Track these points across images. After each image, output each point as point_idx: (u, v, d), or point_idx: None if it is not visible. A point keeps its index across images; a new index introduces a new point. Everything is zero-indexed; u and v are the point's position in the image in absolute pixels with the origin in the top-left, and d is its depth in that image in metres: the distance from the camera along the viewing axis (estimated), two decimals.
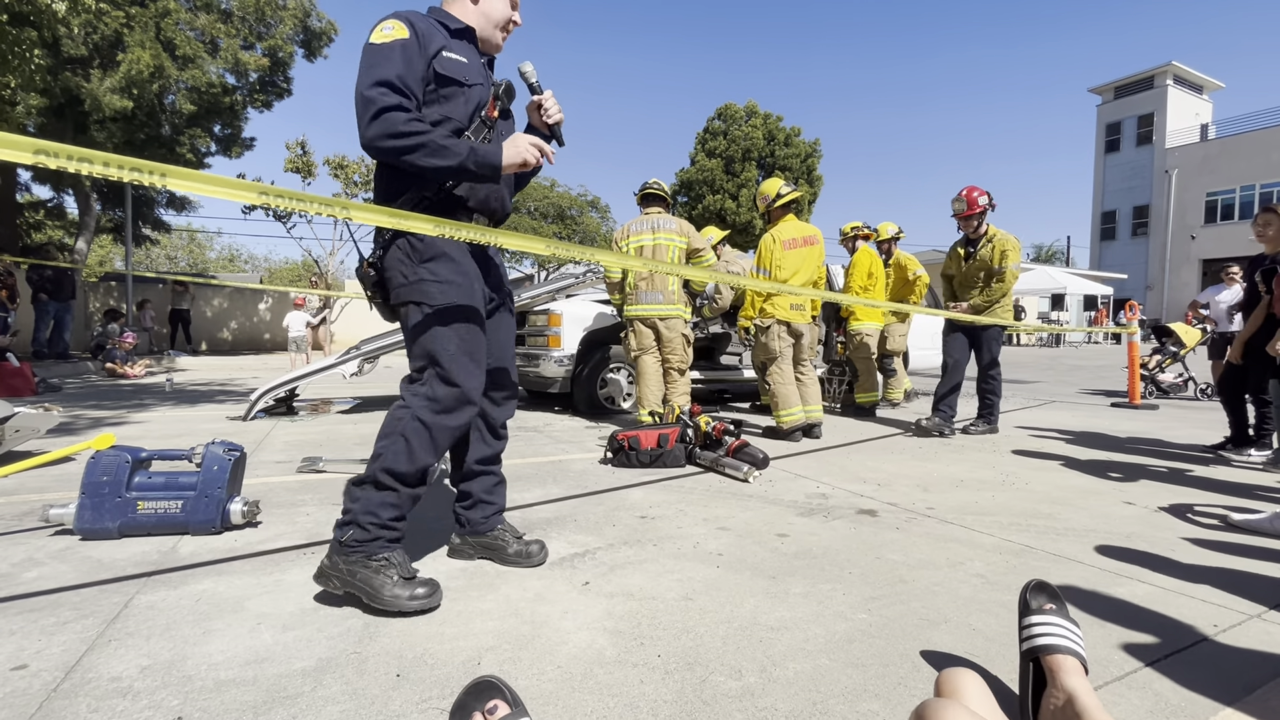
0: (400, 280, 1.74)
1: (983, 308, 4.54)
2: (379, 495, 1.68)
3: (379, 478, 1.67)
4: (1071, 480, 3.20)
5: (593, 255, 2.11)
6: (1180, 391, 7.49)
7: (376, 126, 1.59)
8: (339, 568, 1.65)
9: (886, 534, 2.31)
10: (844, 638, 1.52)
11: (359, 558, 1.64)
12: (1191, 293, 27.30)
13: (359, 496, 1.68)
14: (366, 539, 1.65)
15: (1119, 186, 31.95)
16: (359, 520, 1.66)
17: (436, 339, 1.73)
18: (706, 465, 3.37)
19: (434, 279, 1.74)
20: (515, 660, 1.40)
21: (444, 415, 1.74)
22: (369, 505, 1.67)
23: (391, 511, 1.69)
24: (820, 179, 25.66)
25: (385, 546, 1.68)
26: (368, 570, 1.63)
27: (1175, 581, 1.88)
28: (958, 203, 4.56)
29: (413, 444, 1.69)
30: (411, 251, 1.74)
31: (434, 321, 1.73)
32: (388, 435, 1.71)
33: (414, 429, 1.70)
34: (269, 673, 1.34)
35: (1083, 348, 22.20)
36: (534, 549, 1.99)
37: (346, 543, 1.65)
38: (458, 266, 1.78)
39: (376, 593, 1.60)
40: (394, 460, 1.67)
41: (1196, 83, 31.63)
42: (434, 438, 1.72)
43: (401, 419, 1.71)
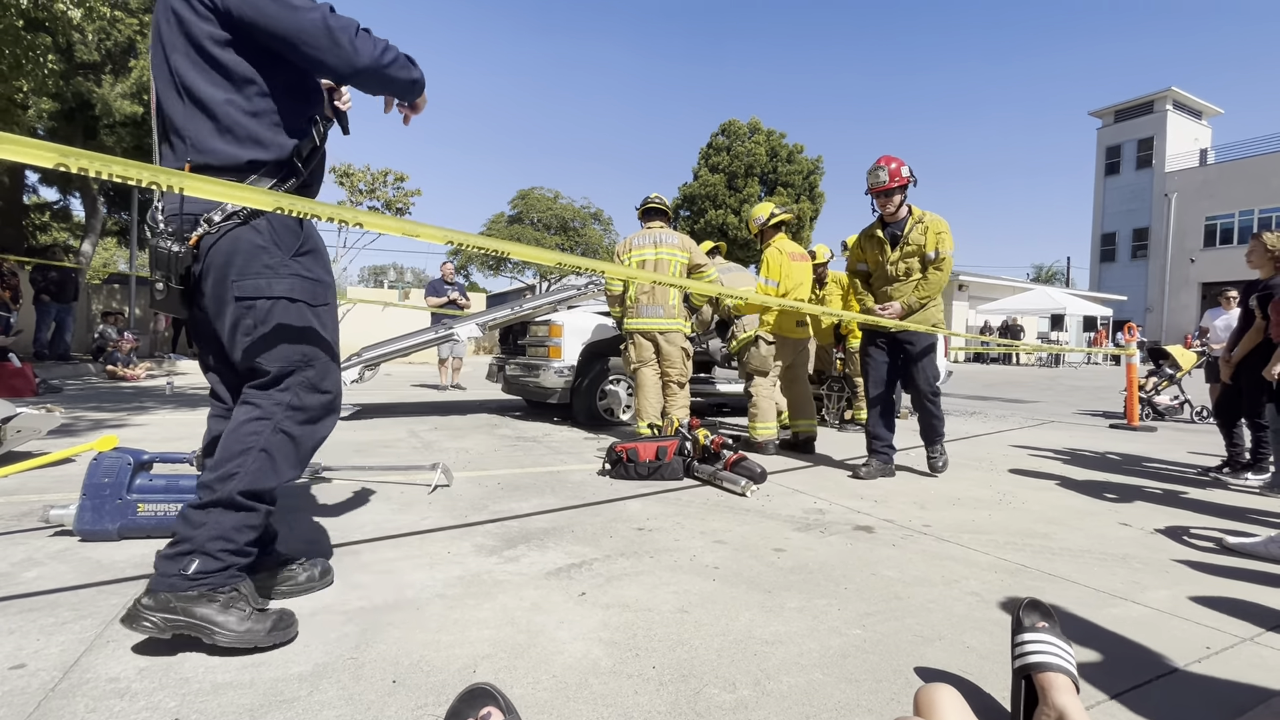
0: (256, 270, 1.52)
1: (918, 307, 3.67)
2: (235, 517, 1.49)
3: (235, 499, 1.48)
4: (1068, 500, 3.21)
5: (599, 268, 2.14)
6: (1176, 414, 7.50)
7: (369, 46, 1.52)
8: (169, 606, 1.39)
9: (882, 550, 2.32)
10: (838, 653, 1.53)
11: (202, 591, 1.43)
12: (1191, 315, 27.42)
13: (203, 521, 1.46)
14: (216, 569, 1.45)
15: (1119, 209, 32.15)
16: (206, 549, 1.44)
17: (307, 341, 1.58)
18: (704, 478, 3.38)
19: (309, 275, 1.59)
20: (511, 669, 1.41)
21: (311, 426, 1.60)
22: (220, 530, 1.46)
23: (249, 535, 1.52)
24: (822, 196, 25.86)
25: (236, 576, 1.49)
26: (212, 606, 1.41)
27: (1169, 603, 1.89)
28: (876, 174, 3.66)
29: (277, 458, 1.54)
30: (278, 239, 1.55)
31: (308, 322, 1.59)
32: (243, 450, 1.50)
33: (278, 442, 1.54)
34: (265, 676, 1.35)
35: (1081, 368, 22.23)
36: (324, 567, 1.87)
37: (191, 575, 1.42)
38: (326, 263, 1.68)
39: (225, 628, 1.40)
40: (255, 478, 1.50)
41: (1196, 108, 31.95)
42: (299, 450, 1.58)
43: (259, 431, 1.52)
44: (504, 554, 2.18)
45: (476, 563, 2.08)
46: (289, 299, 1.55)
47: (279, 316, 1.54)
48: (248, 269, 1.51)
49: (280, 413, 1.55)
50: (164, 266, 1.49)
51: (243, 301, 1.52)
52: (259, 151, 1.53)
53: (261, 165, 1.54)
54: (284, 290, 1.54)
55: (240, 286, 1.51)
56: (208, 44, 1.47)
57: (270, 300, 1.53)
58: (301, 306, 1.57)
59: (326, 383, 1.61)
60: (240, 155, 1.51)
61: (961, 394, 10.17)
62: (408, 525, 2.47)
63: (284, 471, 1.56)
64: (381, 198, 17.32)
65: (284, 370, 1.56)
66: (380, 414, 5.99)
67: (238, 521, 1.49)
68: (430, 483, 3.09)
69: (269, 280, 1.52)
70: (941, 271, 3.63)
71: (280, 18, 1.46)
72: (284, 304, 1.54)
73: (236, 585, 1.47)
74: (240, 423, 1.54)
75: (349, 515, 2.59)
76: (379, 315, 15.16)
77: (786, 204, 23.94)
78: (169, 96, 1.53)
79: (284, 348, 1.55)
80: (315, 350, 1.59)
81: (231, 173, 1.50)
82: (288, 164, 1.59)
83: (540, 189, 27.15)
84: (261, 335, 1.53)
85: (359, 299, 16.58)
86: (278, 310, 1.54)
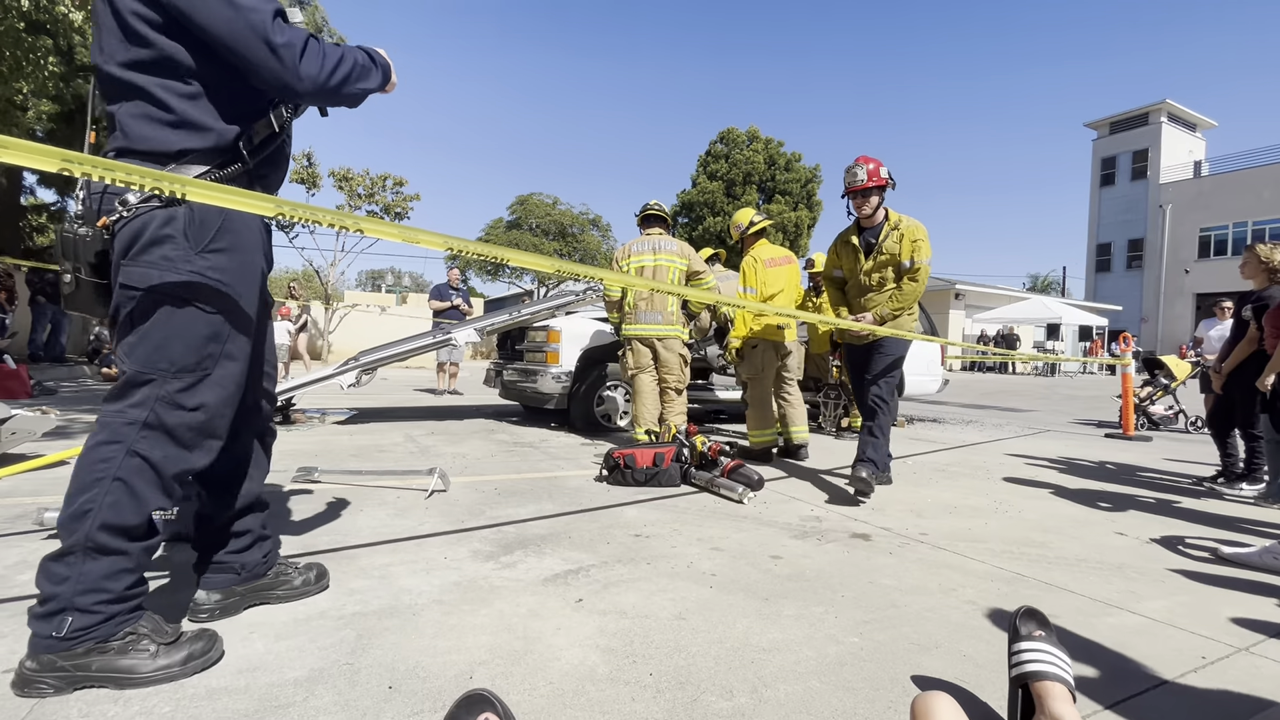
0: (152, 259, 1.34)
1: (890, 317, 3.48)
2: (102, 564, 1.29)
3: (97, 540, 1.27)
4: (1064, 509, 3.22)
5: (597, 275, 2.15)
6: (1171, 424, 7.53)
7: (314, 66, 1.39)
8: (58, 667, 1.25)
9: (879, 558, 2.32)
10: (835, 660, 1.53)
11: (89, 646, 1.28)
12: (1186, 325, 27.56)
13: (65, 574, 1.27)
14: (96, 623, 1.28)
15: (1114, 219, 32.36)
16: (77, 604, 1.27)
17: (184, 350, 1.37)
18: (701, 485, 3.38)
19: (212, 277, 1.40)
20: (507, 675, 1.41)
21: (177, 449, 1.37)
22: (88, 582, 1.28)
23: (124, 580, 1.32)
24: (820, 204, 25.96)
25: (127, 618, 1.32)
26: (107, 656, 1.28)
27: (1165, 613, 1.90)
28: (854, 173, 3.45)
29: (136, 487, 1.32)
30: (189, 230, 1.37)
31: (196, 329, 1.38)
32: (95, 481, 1.29)
33: (133, 468, 1.32)
34: (261, 681, 1.34)
35: (1077, 378, 22.31)
36: (319, 570, 1.84)
37: (66, 636, 1.26)
38: (248, 264, 1.48)
39: (132, 674, 1.28)
40: (115, 513, 1.29)
41: (1190, 120, 32.23)
42: (163, 479, 1.36)
43: (110, 458, 1.31)
44: (501, 560, 2.17)
45: (473, 568, 2.08)
46: (178, 298, 1.36)
47: (160, 315, 1.35)
48: (142, 255, 1.34)
49: (133, 433, 1.33)
50: (71, 254, 1.34)
51: (126, 290, 1.35)
52: (193, 138, 1.38)
53: (194, 152, 1.40)
54: (174, 287, 1.35)
55: (127, 272, 1.34)
56: (137, 24, 1.32)
57: (154, 294, 1.34)
58: (193, 311, 1.38)
59: (195, 399, 1.38)
60: (171, 142, 1.37)
61: (958, 402, 10.19)
62: (404, 530, 2.47)
63: (150, 500, 1.34)
64: (380, 202, 17.31)
65: (140, 377, 1.35)
66: (376, 418, 5.97)
67: (107, 568, 1.29)
68: (427, 488, 3.08)
69: (161, 272, 1.34)
70: (917, 282, 3.44)
71: (216, 16, 1.31)
72: (169, 302, 1.35)
73: (130, 627, 1.32)
74: (90, 448, 1.33)
75: (345, 519, 2.58)
76: (376, 319, 15.17)
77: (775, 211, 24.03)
78: (104, 79, 1.39)
79: (150, 351, 1.35)
80: (191, 361, 1.38)
81: (159, 160, 1.36)
82: (230, 151, 1.44)
83: (539, 195, 27.22)
84: (134, 330, 1.36)
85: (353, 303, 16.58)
86: (159, 308, 1.35)
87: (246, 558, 1.70)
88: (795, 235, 24.80)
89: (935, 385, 7.24)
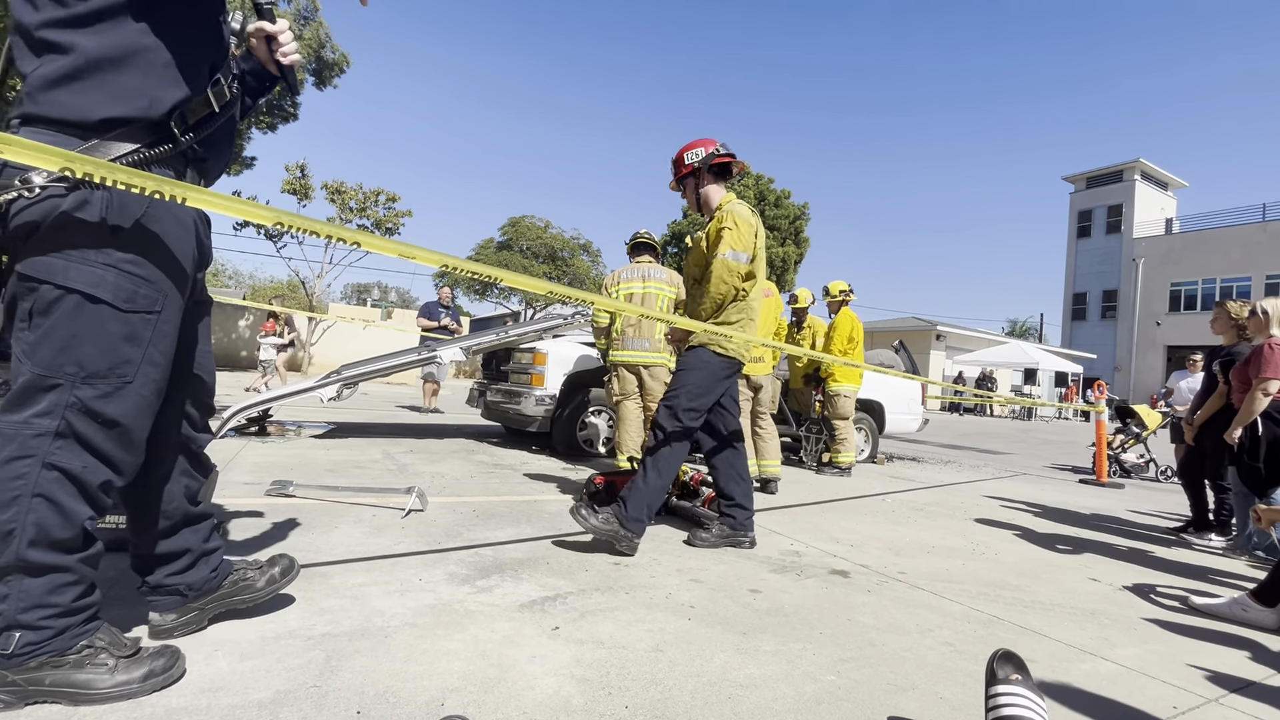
0: (58, 247, 1.20)
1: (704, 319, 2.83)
2: (40, 581, 1.21)
3: (29, 558, 1.19)
4: (1039, 554, 3.25)
5: (588, 299, 2.17)
6: (1142, 472, 7.67)
7: None
8: (9, 682, 1.20)
9: (858, 596, 2.31)
10: (812, 699, 1.51)
11: (43, 660, 1.22)
12: (1157, 376, 28.26)
13: (4, 593, 1.20)
14: (47, 638, 1.22)
15: (1090, 270, 33.34)
16: (22, 621, 1.20)
17: (95, 353, 1.24)
18: (682, 515, 3.36)
19: (129, 270, 1.26)
20: (480, 703, 1.37)
21: (100, 463, 1.27)
22: (31, 599, 1.20)
23: (69, 593, 1.24)
24: (807, 241, 26.46)
25: (82, 629, 1.27)
26: (62, 670, 1.22)
27: (1137, 661, 1.91)
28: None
29: (61, 499, 1.22)
30: (109, 216, 1.22)
31: (109, 330, 1.25)
32: (12, 500, 1.19)
33: (52, 480, 1.21)
34: (223, 703, 1.30)
35: (1053, 422, 22.69)
36: (285, 563, 1.69)
37: (15, 653, 1.19)
38: (170, 260, 1.33)
39: (89, 689, 1.22)
40: (42, 531, 1.20)
41: (1162, 179, 33.55)
42: (87, 490, 1.26)
43: (24, 474, 1.20)
44: (477, 584, 2.14)
45: (448, 591, 2.04)
46: (87, 295, 1.22)
47: (65, 313, 1.21)
48: (47, 242, 1.19)
49: (44, 445, 1.21)
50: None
51: (26, 281, 1.21)
52: (117, 107, 1.23)
53: (120, 124, 1.24)
54: (84, 282, 1.21)
55: (30, 263, 1.20)
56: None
57: (60, 290, 1.20)
58: (104, 309, 1.24)
59: (112, 409, 1.26)
60: (91, 110, 1.21)
61: (937, 442, 10.30)
62: (379, 549, 2.42)
63: (77, 512, 1.24)
64: (372, 217, 17.30)
65: (44, 382, 1.21)
66: (355, 433, 5.88)
67: (48, 584, 1.22)
68: (404, 507, 3.03)
69: (68, 264, 1.20)
70: (711, 281, 2.75)
71: None
72: (77, 299, 1.21)
73: (85, 640, 1.25)
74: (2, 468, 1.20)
75: (319, 535, 2.53)
76: (359, 333, 15.02)
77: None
78: (15, 42, 1.24)
79: (55, 353, 1.21)
80: (104, 366, 1.25)
81: (76, 129, 1.22)
82: (161, 126, 1.29)
83: (531, 217, 27.39)
84: (34, 327, 1.22)
85: (340, 315, 16.42)
86: (66, 304, 1.21)
87: (190, 577, 1.55)
88: (782, 270, 25.18)
89: (915, 424, 7.32)
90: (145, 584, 1.55)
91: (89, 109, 1.22)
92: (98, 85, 1.22)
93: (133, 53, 1.24)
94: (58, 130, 1.21)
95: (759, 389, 4.57)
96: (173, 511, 1.52)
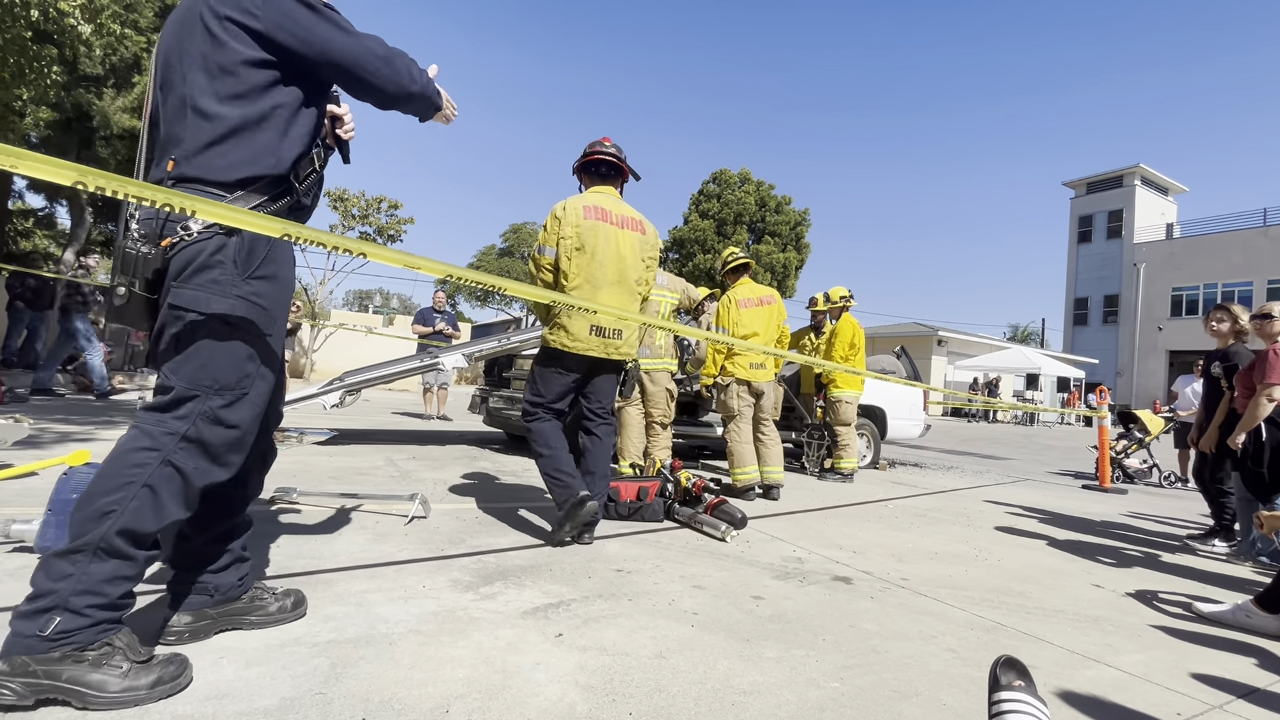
0: (201, 282, 1.42)
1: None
2: (107, 567, 1.30)
3: (111, 542, 1.29)
4: (1042, 559, 3.25)
5: (592, 307, 2.18)
6: (1146, 477, 7.65)
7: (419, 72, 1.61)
8: (29, 670, 1.23)
9: (861, 602, 2.31)
10: (816, 705, 1.52)
11: (66, 652, 1.26)
12: (1160, 381, 28.24)
13: (69, 571, 1.27)
14: (82, 626, 1.27)
15: (1091, 275, 33.36)
16: (70, 604, 1.26)
17: (227, 369, 1.46)
18: (684, 521, 3.37)
19: (256, 301, 1.49)
20: (484, 710, 1.38)
21: (208, 463, 1.44)
22: (89, 583, 1.28)
23: (122, 587, 1.33)
24: (808, 247, 26.51)
25: (108, 628, 1.31)
26: (80, 666, 1.26)
27: (1141, 667, 1.91)
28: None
29: (162, 496, 1.36)
30: (238, 258, 1.46)
31: (237, 350, 1.47)
32: (124, 485, 1.32)
33: (165, 477, 1.37)
34: (229, 710, 1.30)
35: (1055, 428, 22.64)
36: (297, 597, 1.78)
37: (50, 636, 1.25)
38: (282, 291, 1.58)
39: (100, 690, 1.26)
40: (135, 518, 1.32)
41: (1162, 185, 33.61)
42: (188, 490, 1.41)
43: (145, 464, 1.35)
44: (480, 590, 2.14)
45: (452, 598, 2.05)
46: (224, 320, 1.44)
47: (206, 335, 1.43)
48: (193, 279, 1.42)
49: (172, 444, 1.38)
50: (130, 270, 1.41)
51: (174, 310, 1.42)
52: (254, 168, 1.47)
53: (254, 181, 1.48)
54: (222, 309, 1.43)
55: (178, 294, 1.41)
56: (228, 61, 1.43)
57: (202, 316, 1.42)
58: (237, 332, 1.46)
59: (234, 416, 1.47)
60: (233, 171, 1.45)
61: (939, 448, 10.29)
62: (383, 556, 2.43)
63: (169, 512, 1.38)
64: (374, 224, 17.38)
65: (186, 393, 1.42)
66: (358, 440, 5.89)
67: (110, 572, 1.30)
68: (407, 513, 3.04)
69: (209, 295, 1.42)
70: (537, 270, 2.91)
71: (336, 43, 1.48)
72: (216, 323, 1.43)
73: (108, 639, 1.30)
74: (124, 451, 1.37)
75: (322, 543, 2.53)
76: (362, 340, 15.06)
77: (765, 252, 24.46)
78: (173, 107, 1.47)
79: (196, 369, 1.43)
80: (233, 380, 1.46)
81: (222, 186, 1.45)
82: (284, 181, 1.53)
83: (532, 224, 27.49)
84: (181, 350, 1.42)
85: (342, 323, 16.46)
86: (207, 329, 1.43)
87: (221, 579, 1.65)
88: (783, 276, 25.23)
89: (917, 430, 7.32)
90: (177, 579, 1.63)
91: (231, 170, 1.45)
92: (238, 148, 1.45)
93: (266, 119, 1.49)
94: (209, 187, 1.43)
95: (761, 395, 4.58)
96: (233, 511, 1.67)
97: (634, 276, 2.95)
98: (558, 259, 2.85)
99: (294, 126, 1.54)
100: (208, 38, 1.43)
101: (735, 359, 4.47)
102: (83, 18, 6.21)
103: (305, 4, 1.47)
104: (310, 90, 1.58)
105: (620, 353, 2.91)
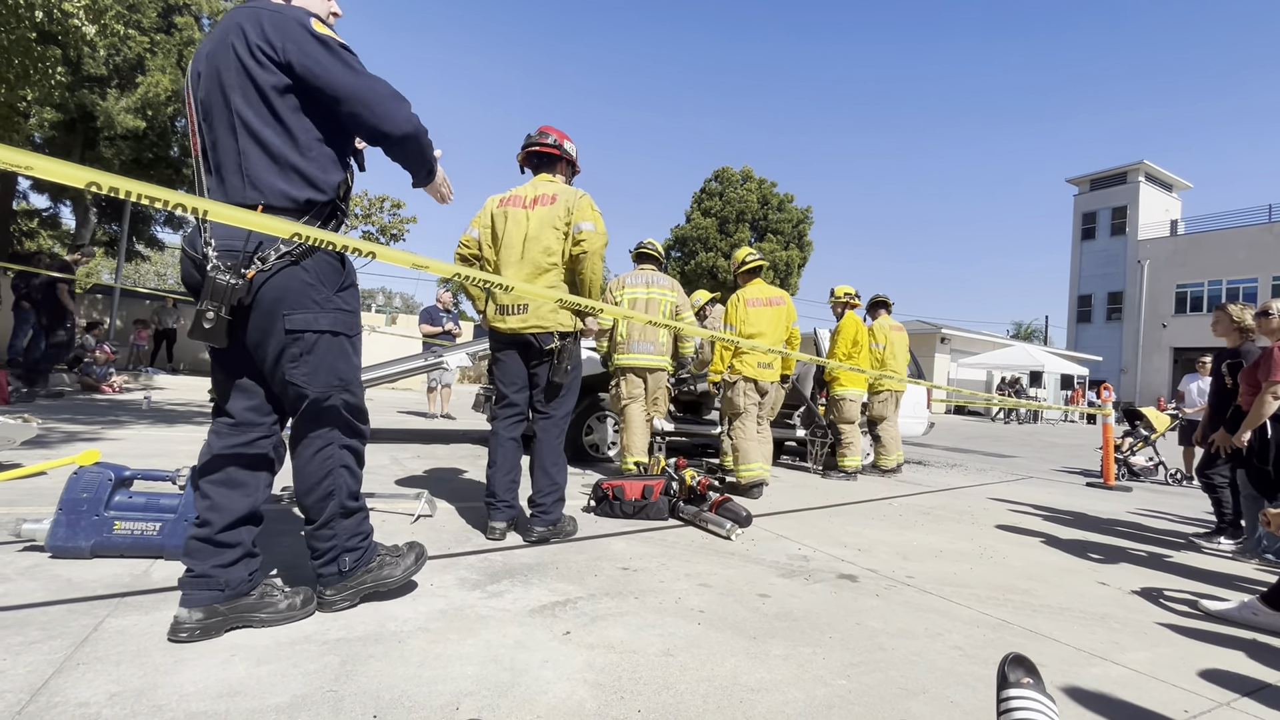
0: (305, 305, 1.68)
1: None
2: (352, 521, 1.84)
3: (347, 506, 1.82)
4: (1048, 557, 3.24)
5: (597, 307, 2.19)
6: (1151, 475, 7.63)
7: (413, 117, 1.72)
8: (347, 589, 1.84)
9: (867, 600, 2.32)
10: (823, 703, 1.52)
11: (363, 570, 1.86)
12: (1164, 378, 28.16)
13: (332, 533, 1.80)
14: (361, 554, 1.86)
15: (1094, 272, 33.24)
16: (348, 547, 1.82)
17: (344, 368, 1.78)
18: (689, 519, 3.37)
19: (348, 309, 1.79)
20: (494, 707, 1.39)
21: (359, 439, 1.85)
22: (348, 532, 1.83)
23: (367, 524, 1.89)
24: (810, 245, 26.45)
25: (374, 549, 1.91)
26: (373, 572, 1.88)
27: (1148, 665, 1.91)
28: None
29: (353, 466, 1.83)
30: (323, 277, 1.72)
31: (344, 351, 1.79)
32: (327, 474, 1.77)
33: (345, 454, 1.81)
34: (242, 707, 1.31)
35: (1058, 425, 22.59)
36: (306, 594, 1.83)
37: (348, 570, 1.83)
38: (357, 293, 1.86)
39: (389, 579, 1.90)
40: (348, 486, 1.82)
41: (1166, 181, 33.45)
42: (360, 457, 1.86)
43: (331, 455, 1.78)
44: (488, 589, 2.15)
45: (460, 596, 2.06)
46: (332, 332, 1.73)
47: (323, 347, 1.72)
48: (298, 304, 1.67)
49: (337, 436, 1.78)
50: (219, 298, 1.59)
51: (292, 334, 1.68)
52: (314, 192, 1.68)
53: (315, 205, 1.69)
54: (329, 324, 1.72)
55: (291, 320, 1.67)
56: (268, 90, 1.61)
57: (317, 334, 1.70)
58: (341, 338, 1.76)
59: (358, 398, 1.84)
60: (299, 195, 1.66)
61: (942, 445, 10.28)
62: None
63: (359, 474, 1.86)
64: (377, 223, 17.40)
65: (324, 395, 1.74)
66: None
67: (355, 522, 1.84)
68: (413, 512, 3.05)
69: (316, 315, 1.69)
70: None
71: (342, 79, 1.62)
72: (328, 337, 1.72)
73: (379, 554, 1.92)
74: (308, 458, 1.77)
75: None
76: (365, 339, 15.07)
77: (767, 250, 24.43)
78: (224, 133, 1.64)
79: (325, 375, 1.74)
80: (350, 375, 1.80)
81: (293, 213, 1.65)
82: (333, 204, 1.74)
83: None
84: (306, 363, 1.71)
85: None
86: (322, 342, 1.72)
87: (231, 574, 1.67)
88: (785, 274, 25.19)
89: (921, 428, 7.31)
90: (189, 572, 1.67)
91: (297, 196, 1.66)
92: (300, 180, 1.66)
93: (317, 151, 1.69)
94: (280, 214, 1.62)
95: (765, 394, 4.59)
96: (249, 504, 1.76)
97: (539, 247, 2.83)
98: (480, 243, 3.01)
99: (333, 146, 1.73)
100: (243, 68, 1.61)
101: (743, 357, 4.48)
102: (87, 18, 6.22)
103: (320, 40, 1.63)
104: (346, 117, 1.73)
105: (529, 325, 2.80)
